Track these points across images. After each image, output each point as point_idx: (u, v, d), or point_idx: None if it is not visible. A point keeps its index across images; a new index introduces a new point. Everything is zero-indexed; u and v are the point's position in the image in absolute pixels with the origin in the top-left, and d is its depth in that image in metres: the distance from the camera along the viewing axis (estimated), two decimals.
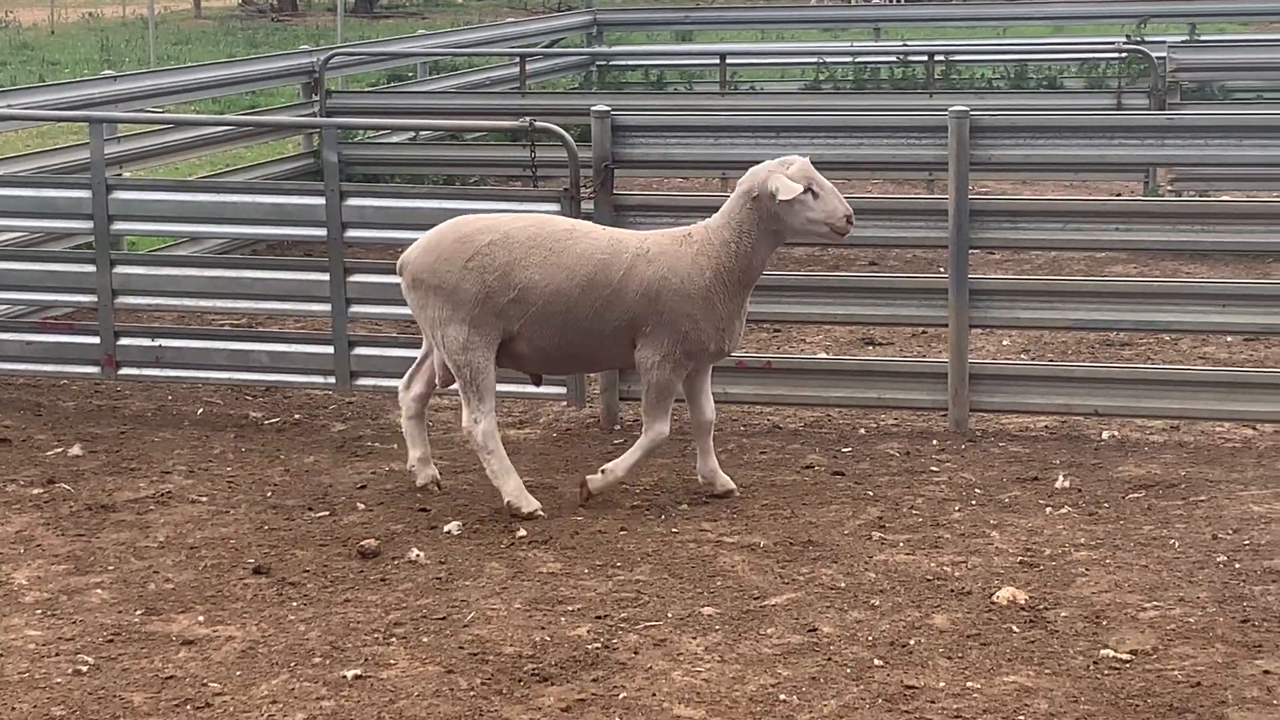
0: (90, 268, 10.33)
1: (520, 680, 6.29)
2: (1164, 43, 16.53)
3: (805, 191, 7.96)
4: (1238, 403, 9.13)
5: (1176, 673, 6.22)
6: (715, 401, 9.41)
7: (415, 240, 8.31)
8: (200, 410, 10.16)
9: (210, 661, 6.54)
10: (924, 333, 11.30)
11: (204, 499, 8.52)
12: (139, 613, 7.04)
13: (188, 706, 6.16)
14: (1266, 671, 6.20)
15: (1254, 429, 9.30)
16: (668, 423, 8.24)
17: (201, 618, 6.97)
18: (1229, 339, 10.88)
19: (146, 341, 10.34)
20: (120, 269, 10.32)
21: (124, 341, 10.31)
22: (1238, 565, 7.26)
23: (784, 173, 7.99)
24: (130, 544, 7.88)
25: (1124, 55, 16.94)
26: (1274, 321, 9.26)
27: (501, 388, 9.70)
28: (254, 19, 42.03)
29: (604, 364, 8.65)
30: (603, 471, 8.28)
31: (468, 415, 8.15)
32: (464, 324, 8.04)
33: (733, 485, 8.35)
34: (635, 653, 6.51)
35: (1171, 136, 9.44)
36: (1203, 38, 19.53)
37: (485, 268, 8.02)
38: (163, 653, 6.63)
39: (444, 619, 6.87)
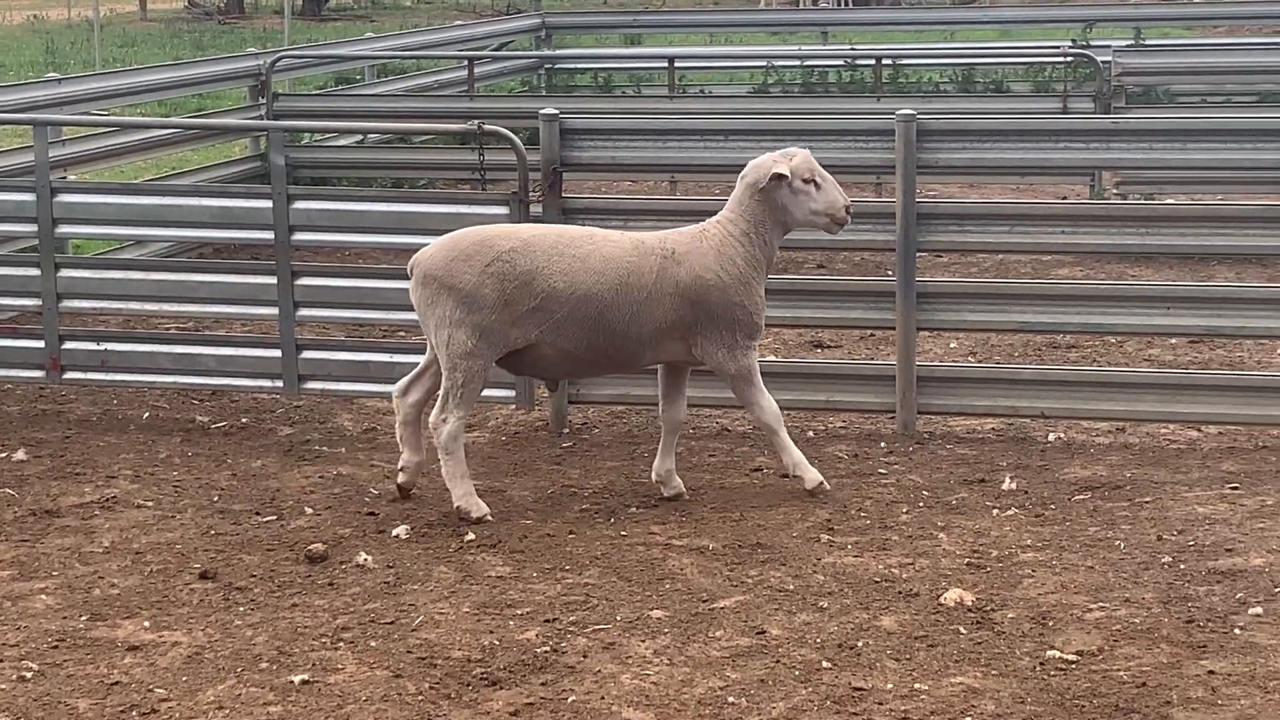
0: (35, 271, 10.26)
1: (468, 684, 6.28)
2: (1109, 47, 16.60)
3: (809, 183, 8.18)
4: (1182, 405, 9.19)
5: (1122, 673, 6.25)
6: None
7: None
8: (146, 414, 10.10)
9: (156, 667, 6.51)
10: (872, 335, 11.32)
11: (150, 504, 8.47)
12: (84, 618, 7.00)
13: (133, 713, 6.13)
14: (1211, 672, 6.24)
15: (1198, 430, 9.36)
16: (769, 396, 8.33)
17: (147, 623, 6.93)
18: (1174, 341, 10.95)
19: (92, 345, 10.28)
20: (65, 273, 10.27)
21: (69, 346, 10.25)
22: (1182, 566, 7.31)
23: (787, 164, 8.18)
24: (75, 549, 7.83)
25: (1070, 59, 17.04)
26: (1218, 324, 9.31)
27: None
28: (200, 21, 41.85)
29: (646, 363, 8.53)
30: (795, 475, 8.34)
31: (439, 412, 8.14)
32: (474, 329, 8.03)
33: (683, 489, 8.36)
34: (584, 656, 6.50)
35: (1116, 140, 9.49)
36: (1147, 42, 19.63)
37: (505, 275, 8.04)
38: (108, 658, 6.59)
39: (392, 623, 6.85)
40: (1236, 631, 6.60)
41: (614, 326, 8.15)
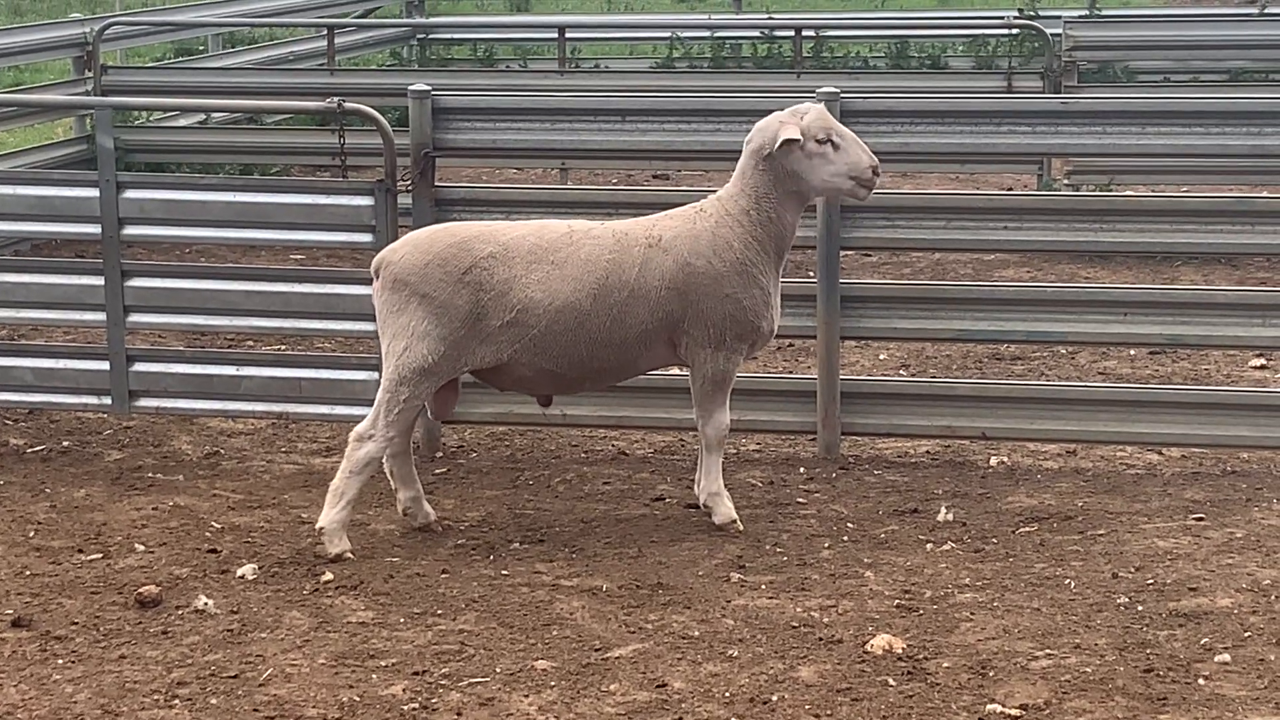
0: None
1: None
2: (1060, 18, 16.78)
3: (824, 143, 8.12)
4: (1141, 424, 9.27)
5: None
6: (550, 425, 9.45)
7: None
8: None
9: None
10: (790, 345, 11.37)
11: None
12: None
13: None
14: None
15: (1159, 454, 9.45)
16: (727, 412, 8.36)
17: None
18: (1132, 352, 11.06)
19: None
20: None
21: None
22: (1140, 608, 7.37)
23: (796, 123, 8.13)
24: None
25: (1015, 32, 17.19)
26: (1182, 332, 9.39)
27: (307, 409, 9.69)
28: None
29: (637, 371, 8.61)
30: (705, 506, 8.40)
31: (365, 427, 8.11)
32: (439, 344, 8.06)
33: (735, 516, 8.37)
34: (458, 714, 6.49)
35: (1067, 123, 9.55)
36: (1104, 12, 19.84)
37: (482, 284, 8.07)
38: None
39: (236, 677, 6.81)
40: (1201, 682, 6.67)
41: (595, 336, 8.16)
